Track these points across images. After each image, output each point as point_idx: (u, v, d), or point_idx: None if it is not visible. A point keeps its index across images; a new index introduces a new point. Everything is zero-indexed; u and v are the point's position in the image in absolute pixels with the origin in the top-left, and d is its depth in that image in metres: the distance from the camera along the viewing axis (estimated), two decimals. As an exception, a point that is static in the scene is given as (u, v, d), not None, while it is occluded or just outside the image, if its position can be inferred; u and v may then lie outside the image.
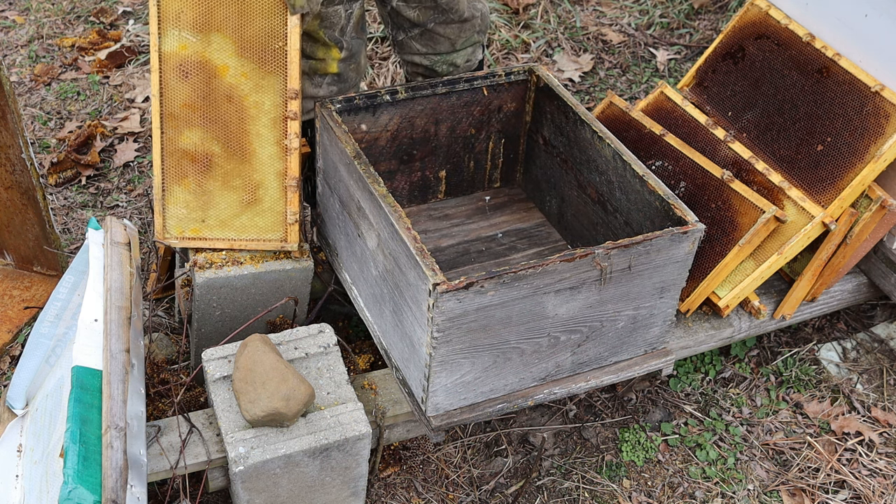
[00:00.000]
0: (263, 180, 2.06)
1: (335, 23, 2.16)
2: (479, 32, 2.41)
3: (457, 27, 2.33)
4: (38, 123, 3.27)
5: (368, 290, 2.09)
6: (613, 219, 2.17)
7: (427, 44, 2.34)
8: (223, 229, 2.09)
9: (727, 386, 2.51)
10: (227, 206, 2.08)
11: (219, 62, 2.01)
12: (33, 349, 2.08)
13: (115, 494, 1.64)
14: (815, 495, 2.24)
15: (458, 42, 2.36)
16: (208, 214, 2.08)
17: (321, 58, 2.21)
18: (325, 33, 2.16)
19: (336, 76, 2.25)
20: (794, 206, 2.17)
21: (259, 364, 1.90)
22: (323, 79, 2.25)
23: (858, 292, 2.49)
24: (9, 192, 2.46)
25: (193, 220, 2.08)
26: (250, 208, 2.08)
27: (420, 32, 2.33)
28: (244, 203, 2.07)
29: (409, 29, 2.33)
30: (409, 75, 2.50)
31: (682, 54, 3.74)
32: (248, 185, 2.07)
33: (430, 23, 2.30)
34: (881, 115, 2.13)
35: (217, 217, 2.08)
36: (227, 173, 2.07)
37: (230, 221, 2.08)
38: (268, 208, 2.08)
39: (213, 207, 2.07)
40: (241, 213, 2.07)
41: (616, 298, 1.91)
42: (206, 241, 2.10)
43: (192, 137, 2.04)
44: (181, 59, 2.01)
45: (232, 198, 2.07)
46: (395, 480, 2.24)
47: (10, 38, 3.69)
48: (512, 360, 1.90)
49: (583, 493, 2.24)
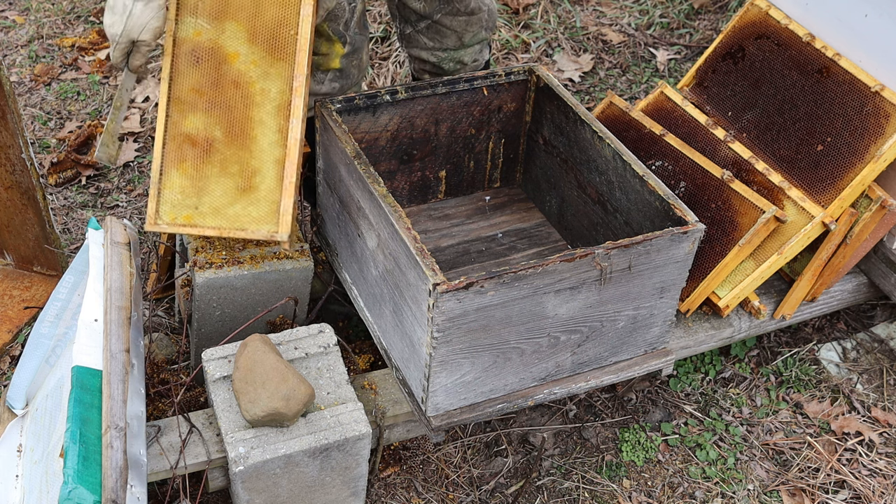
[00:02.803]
0: (261, 167, 2.06)
1: (339, 16, 2.16)
2: (487, 29, 2.41)
3: (463, 20, 2.33)
4: (38, 123, 3.27)
5: (368, 290, 2.09)
6: (613, 219, 2.17)
7: (434, 37, 2.34)
8: (216, 217, 2.09)
9: (727, 386, 2.51)
10: (223, 194, 2.08)
11: (230, 49, 2.03)
12: (33, 349, 2.08)
13: (115, 494, 1.64)
14: (815, 495, 2.24)
15: (466, 37, 2.36)
16: (202, 201, 2.08)
17: (324, 53, 2.21)
18: (330, 27, 2.16)
19: (338, 72, 2.25)
20: (794, 206, 2.17)
21: (259, 364, 1.90)
22: (325, 75, 2.25)
23: (858, 292, 2.49)
24: (9, 192, 2.46)
25: (187, 207, 2.08)
26: (245, 196, 2.08)
27: (427, 25, 2.33)
28: (240, 190, 2.07)
29: (415, 22, 2.33)
30: (416, 73, 2.50)
31: (682, 54, 3.74)
32: (246, 172, 2.07)
33: (436, 14, 2.31)
34: (881, 115, 2.13)
35: (211, 204, 2.08)
36: (226, 159, 2.07)
37: (224, 210, 2.08)
38: (262, 197, 2.08)
39: (208, 194, 2.08)
40: (236, 201, 2.07)
41: (616, 298, 1.91)
42: (197, 229, 2.09)
43: (196, 122, 2.06)
44: (194, 45, 2.03)
45: (228, 184, 2.07)
46: (395, 480, 2.24)
47: (10, 38, 3.69)
48: (512, 361, 1.90)
49: (583, 493, 2.24)
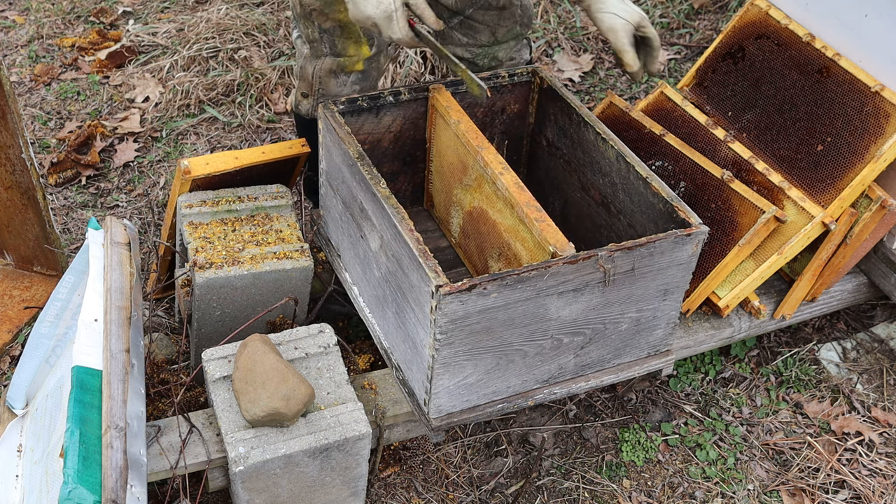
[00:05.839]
0: None
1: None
2: (522, 25, 2.40)
3: (495, 14, 2.32)
4: (38, 123, 3.27)
5: (371, 291, 2.09)
6: (617, 221, 2.17)
7: (467, 33, 2.34)
8: None
9: (727, 386, 2.51)
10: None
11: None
12: (33, 349, 2.08)
13: (115, 494, 1.64)
14: (815, 495, 2.25)
15: (499, 32, 2.35)
16: None
17: (351, 55, 2.21)
18: (362, 28, 2.16)
19: (361, 74, 2.25)
20: (794, 206, 2.17)
21: (259, 364, 1.90)
22: (349, 77, 2.25)
23: (858, 292, 2.49)
24: (9, 192, 2.46)
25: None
26: None
27: (460, 21, 2.33)
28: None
29: (448, 18, 2.32)
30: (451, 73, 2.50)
31: (682, 54, 3.74)
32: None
33: (468, 9, 2.30)
34: (881, 115, 2.13)
35: None
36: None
37: None
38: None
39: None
40: None
41: (619, 301, 1.91)
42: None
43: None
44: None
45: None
46: (395, 480, 2.24)
47: (10, 38, 3.68)
48: (515, 363, 1.90)
49: (583, 493, 2.24)
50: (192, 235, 2.21)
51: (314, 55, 2.28)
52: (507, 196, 1.97)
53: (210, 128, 3.28)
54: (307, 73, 2.32)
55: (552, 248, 1.82)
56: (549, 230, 1.86)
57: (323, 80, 2.30)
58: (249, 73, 3.41)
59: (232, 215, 2.27)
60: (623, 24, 2.14)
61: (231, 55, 3.50)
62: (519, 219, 1.95)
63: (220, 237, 2.21)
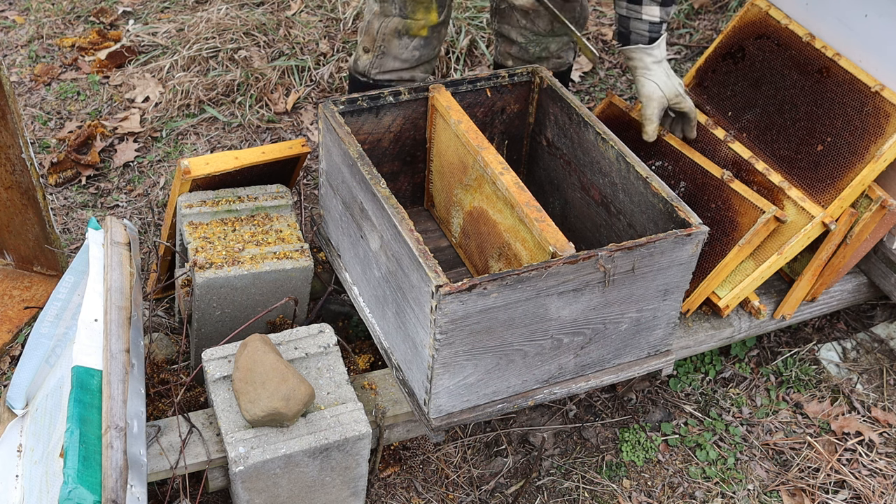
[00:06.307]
0: None
1: None
2: (576, 22, 2.40)
3: (559, 3, 2.33)
4: (38, 123, 3.27)
5: (371, 291, 2.09)
6: (617, 221, 2.17)
7: (527, 16, 2.34)
8: None
9: (727, 386, 2.51)
10: None
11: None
12: (33, 349, 2.08)
13: (115, 494, 1.64)
14: (815, 495, 2.25)
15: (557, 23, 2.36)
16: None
17: (419, 19, 2.21)
18: None
19: (424, 40, 2.25)
20: (794, 206, 2.17)
21: (259, 364, 1.90)
22: (412, 41, 2.25)
23: (858, 292, 2.49)
24: (9, 192, 2.46)
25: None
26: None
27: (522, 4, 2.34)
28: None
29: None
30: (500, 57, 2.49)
31: (682, 54, 3.74)
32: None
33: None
34: (881, 115, 2.13)
35: None
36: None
37: None
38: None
39: None
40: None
41: (619, 301, 1.91)
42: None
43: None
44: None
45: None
46: (395, 480, 2.24)
47: (10, 38, 3.68)
48: (515, 363, 1.90)
49: (583, 493, 2.24)
50: (192, 235, 2.21)
51: (383, 13, 2.30)
52: (507, 196, 1.97)
53: (210, 128, 3.28)
54: (373, 29, 2.33)
55: (552, 248, 1.82)
56: (549, 230, 1.86)
57: (387, 39, 2.30)
58: (249, 73, 3.41)
59: (232, 215, 2.27)
60: (660, 98, 2.19)
61: (231, 55, 3.50)
62: (519, 219, 1.95)
63: (220, 237, 2.21)
